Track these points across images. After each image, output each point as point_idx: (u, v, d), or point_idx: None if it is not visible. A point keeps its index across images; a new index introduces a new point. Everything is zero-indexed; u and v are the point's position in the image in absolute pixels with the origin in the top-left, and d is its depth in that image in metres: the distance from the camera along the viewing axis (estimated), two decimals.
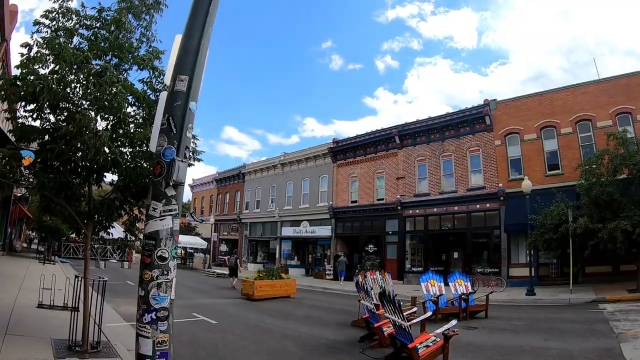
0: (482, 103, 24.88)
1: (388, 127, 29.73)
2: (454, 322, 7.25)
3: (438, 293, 12.13)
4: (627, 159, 15.63)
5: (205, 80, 4.22)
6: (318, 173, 34.36)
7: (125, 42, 6.65)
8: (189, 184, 52.69)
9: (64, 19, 6.32)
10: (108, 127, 6.52)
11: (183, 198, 4.93)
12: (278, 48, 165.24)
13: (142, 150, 6.71)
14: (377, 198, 29.37)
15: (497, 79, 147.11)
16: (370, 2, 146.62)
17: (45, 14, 6.17)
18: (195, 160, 7.17)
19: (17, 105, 6.46)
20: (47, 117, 6.33)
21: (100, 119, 6.46)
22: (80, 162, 6.39)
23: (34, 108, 6.08)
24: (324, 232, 32.19)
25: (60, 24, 6.29)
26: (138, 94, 6.54)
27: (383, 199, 28.76)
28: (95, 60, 6.37)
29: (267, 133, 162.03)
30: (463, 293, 12.45)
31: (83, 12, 6.52)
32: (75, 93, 6.26)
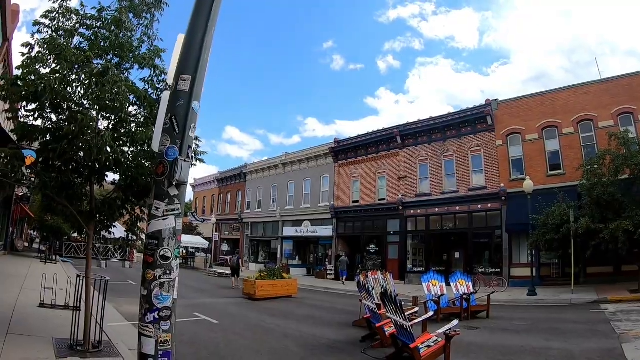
0: (483, 103, 24.84)
1: (389, 127, 29.73)
2: (456, 322, 7.23)
3: (440, 293, 12.12)
4: (628, 159, 15.63)
5: (207, 80, 4.22)
6: (319, 173, 34.36)
7: (126, 41, 6.64)
8: (191, 184, 52.71)
9: (64, 19, 6.31)
10: (110, 126, 6.52)
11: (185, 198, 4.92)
12: (279, 48, 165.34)
13: (143, 150, 6.71)
14: (378, 198, 29.36)
15: (498, 79, 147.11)
16: (372, 2, 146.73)
17: (45, 14, 6.17)
18: (198, 161, 7.17)
19: (18, 105, 6.46)
20: (48, 116, 6.34)
21: (102, 119, 6.47)
22: (82, 161, 6.41)
23: (36, 107, 6.08)
24: (326, 232, 32.17)
25: (61, 24, 6.29)
26: (139, 93, 6.53)
27: (384, 199, 28.75)
28: (96, 60, 6.37)
29: (268, 133, 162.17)
30: (465, 293, 12.44)
31: (83, 11, 6.51)
32: (77, 93, 6.26)
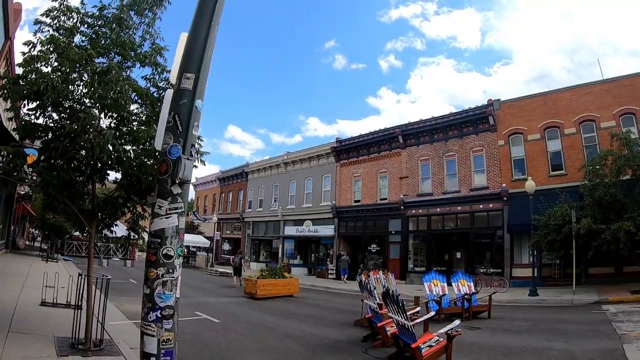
0: (485, 103, 24.78)
1: (391, 126, 29.72)
2: (457, 322, 7.22)
3: (441, 293, 12.09)
4: (630, 160, 15.62)
5: (209, 79, 4.20)
6: (321, 172, 34.35)
7: (128, 39, 6.63)
8: (192, 183, 52.60)
9: (65, 18, 6.29)
10: (112, 125, 6.52)
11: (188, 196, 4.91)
12: (281, 48, 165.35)
13: (145, 149, 6.70)
14: (380, 198, 29.34)
15: (500, 79, 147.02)
16: (374, 1, 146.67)
17: (46, 13, 6.14)
18: (199, 162, 7.16)
19: (19, 104, 6.46)
20: (50, 115, 6.32)
21: (104, 117, 6.46)
22: (84, 160, 6.42)
23: (37, 106, 6.07)
24: (327, 231, 32.16)
25: (62, 23, 6.27)
26: (141, 92, 6.51)
27: (386, 199, 28.74)
28: (98, 59, 6.36)
29: (270, 132, 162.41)
30: (466, 293, 12.43)
31: (83, 9, 6.49)
32: (79, 91, 6.24)
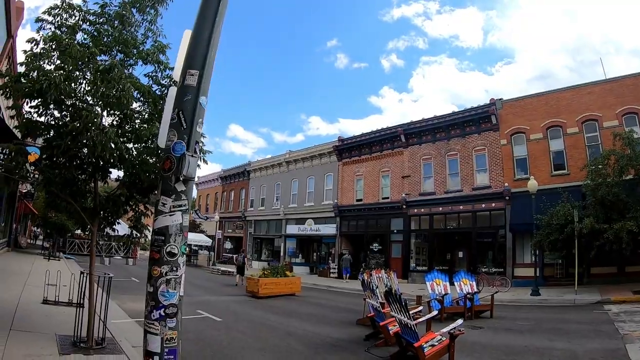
0: (488, 102, 24.73)
1: (394, 125, 29.71)
2: (460, 321, 7.21)
3: (443, 292, 12.08)
4: (633, 160, 15.60)
5: (211, 78, 4.19)
6: (323, 171, 34.31)
7: (130, 37, 6.62)
8: (194, 182, 52.71)
9: (67, 15, 6.28)
10: (114, 123, 6.50)
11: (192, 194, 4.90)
12: (283, 47, 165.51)
13: (147, 147, 6.69)
14: (382, 196, 29.31)
15: (502, 78, 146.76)
16: (376, 0, 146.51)
17: (48, 11, 6.13)
18: (202, 161, 7.13)
19: (21, 102, 6.45)
20: (51, 112, 6.31)
21: (107, 115, 6.45)
22: (86, 158, 6.40)
23: (38, 104, 6.06)
24: (329, 230, 32.14)
25: (63, 21, 6.25)
26: (144, 89, 6.49)
27: (388, 198, 28.70)
28: (100, 56, 6.34)
29: (272, 131, 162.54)
30: (468, 292, 12.41)
31: (85, 7, 6.47)
32: (82, 89, 6.22)
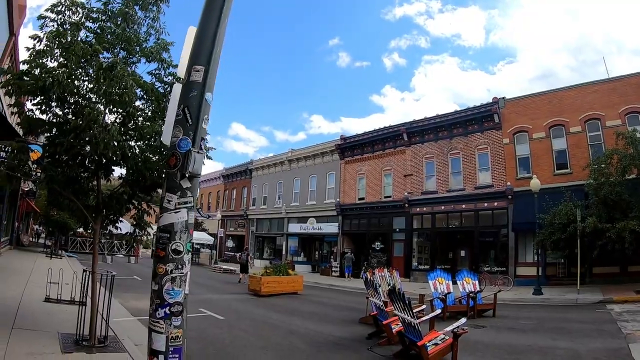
0: (490, 101, 24.69)
1: (396, 124, 29.67)
2: (463, 320, 7.19)
3: (446, 291, 12.05)
4: (636, 159, 15.56)
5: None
6: (325, 170, 34.28)
7: (133, 34, 6.60)
8: None
9: (70, 12, 6.26)
10: (117, 120, 6.48)
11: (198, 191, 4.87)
12: (285, 45, 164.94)
13: (150, 144, 6.68)
14: (384, 195, 29.28)
15: (504, 78, 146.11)
16: None
17: (51, 8, 6.11)
18: (206, 157, 7.11)
19: (23, 99, 6.44)
20: (54, 110, 6.30)
21: (110, 113, 6.43)
22: (89, 156, 6.38)
23: (40, 101, 6.04)
24: (331, 228, 32.12)
25: (67, 18, 6.23)
26: (147, 87, 6.48)
27: (390, 196, 28.67)
28: (103, 54, 6.33)
29: (274, 130, 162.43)
30: (471, 291, 12.38)
31: (88, 4, 6.47)
32: (84, 87, 6.21)
